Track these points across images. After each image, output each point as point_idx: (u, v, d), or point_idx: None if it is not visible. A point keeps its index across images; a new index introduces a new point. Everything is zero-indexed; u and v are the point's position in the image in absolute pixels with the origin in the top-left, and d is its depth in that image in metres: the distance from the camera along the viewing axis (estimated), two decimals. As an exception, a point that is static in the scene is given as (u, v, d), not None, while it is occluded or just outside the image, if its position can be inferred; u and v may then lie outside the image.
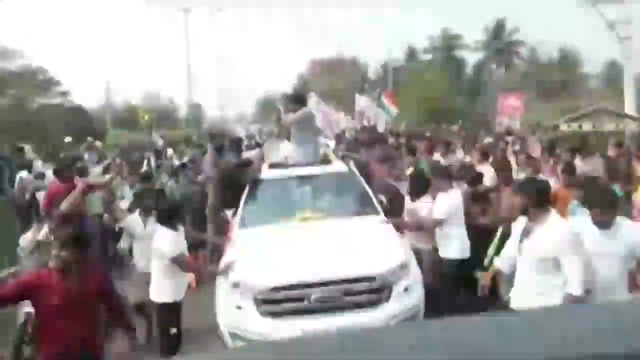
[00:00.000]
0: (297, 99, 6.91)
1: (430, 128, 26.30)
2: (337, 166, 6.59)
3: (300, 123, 6.64)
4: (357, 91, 23.38)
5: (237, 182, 6.32)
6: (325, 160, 6.80)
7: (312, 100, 8.95)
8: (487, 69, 46.10)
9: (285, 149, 6.92)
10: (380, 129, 16.12)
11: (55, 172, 6.54)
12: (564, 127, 16.51)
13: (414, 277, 4.71)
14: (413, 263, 4.87)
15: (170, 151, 16.43)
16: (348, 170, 6.46)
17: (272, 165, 6.67)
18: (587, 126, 15.90)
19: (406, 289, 4.51)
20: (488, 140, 13.47)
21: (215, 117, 53.37)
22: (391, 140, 12.61)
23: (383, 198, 6.11)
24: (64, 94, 34.98)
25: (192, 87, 40.45)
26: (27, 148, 13.98)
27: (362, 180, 6.31)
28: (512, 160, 8.48)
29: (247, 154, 7.88)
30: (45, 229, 5.01)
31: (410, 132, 19.12)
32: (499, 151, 10.04)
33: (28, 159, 12.16)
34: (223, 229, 6.32)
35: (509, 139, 12.70)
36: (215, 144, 7.63)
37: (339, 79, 50.67)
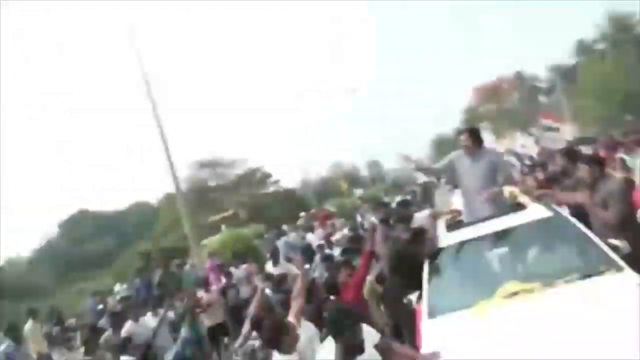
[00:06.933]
0: (474, 135, 5.09)
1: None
2: (537, 210, 4.56)
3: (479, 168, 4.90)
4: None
5: (413, 259, 4.73)
6: (517, 205, 4.86)
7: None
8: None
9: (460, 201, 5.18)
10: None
11: None
12: None
13: None
14: None
15: None
16: (554, 214, 4.42)
17: (451, 227, 4.97)
18: None
19: None
20: None
21: (395, 170, 51.66)
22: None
23: (617, 242, 3.89)
24: (276, 182, 40.01)
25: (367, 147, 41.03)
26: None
27: (578, 223, 4.21)
28: None
29: (419, 215, 6.23)
30: None
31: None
32: None
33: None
34: (407, 320, 4.70)
35: None
36: (383, 214, 6.03)
37: (507, 99, 46.13)
